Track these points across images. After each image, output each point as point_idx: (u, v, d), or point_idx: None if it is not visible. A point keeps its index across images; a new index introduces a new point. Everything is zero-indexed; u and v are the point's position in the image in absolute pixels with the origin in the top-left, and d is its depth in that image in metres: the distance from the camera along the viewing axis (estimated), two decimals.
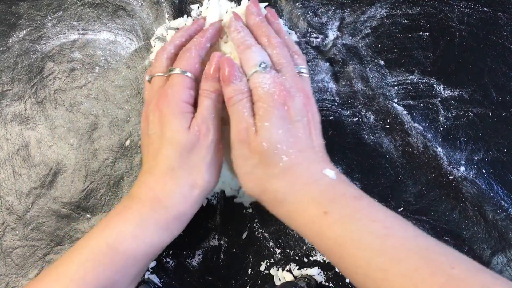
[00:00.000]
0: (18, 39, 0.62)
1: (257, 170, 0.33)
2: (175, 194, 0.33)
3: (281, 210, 0.34)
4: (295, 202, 0.32)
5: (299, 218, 0.32)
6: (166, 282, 0.56)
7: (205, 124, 0.34)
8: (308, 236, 0.32)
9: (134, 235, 0.33)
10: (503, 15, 0.58)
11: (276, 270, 0.55)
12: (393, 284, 0.24)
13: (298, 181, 0.32)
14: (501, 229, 0.53)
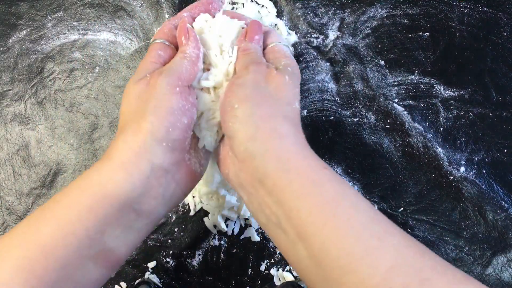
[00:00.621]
0: (18, 39, 0.62)
1: (268, 102, 0.31)
2: (118, 143, 0.30)
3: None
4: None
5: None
6: (166, 282, 0.56)
7: (158, 71, 0.33)
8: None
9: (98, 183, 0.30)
10: (503, 15, 0.58)
11: (276, 270, 0.55)
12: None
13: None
14: (501, 229, 0.53)
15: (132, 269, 0.56)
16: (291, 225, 0.27)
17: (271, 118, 0.30)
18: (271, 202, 0.28)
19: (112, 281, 0.56)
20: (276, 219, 0.28)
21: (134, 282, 0.56)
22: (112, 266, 0.30)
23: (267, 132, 0.30)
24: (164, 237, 0.57)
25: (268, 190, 0.29)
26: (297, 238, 0.27)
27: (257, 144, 0.29)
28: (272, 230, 0.30)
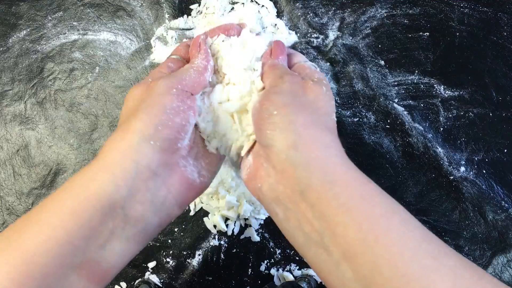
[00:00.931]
0: (18, 39, 0.62)
1: (308, 110, 0.30)
2: (107, 143, 0.29)
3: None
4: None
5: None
6: (166, 282, 0.56)
7: (162, 77, 0.32)
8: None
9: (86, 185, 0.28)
10: (503, 15, 0.58)
11: (276, 270, 0.55)
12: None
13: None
14: (501, 229, 0.53)
15: (132, 269, 0.56)
16: (336, 243, 0.24)
17: (312, 126, 0.29)
18: (313, 217, 0.26)
19: (112, 281, 0.56)
20: (317, 237, 0.26)
21: (134, 282, 0.56)
22: (99, 280, 0.28)
23: (310, 141, 0.28)
24: (164, 237, 0.57)
25: (310, 203, 0.26)
26: (342, 258, 0.24)
27: (299, 153, 0.27)
28: (311, 251, 0.27)
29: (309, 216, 0.26)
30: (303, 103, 0.30)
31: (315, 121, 0.29)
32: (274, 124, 0.29)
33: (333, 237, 0.25)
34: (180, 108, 0.30)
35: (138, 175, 0.28)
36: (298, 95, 0.31)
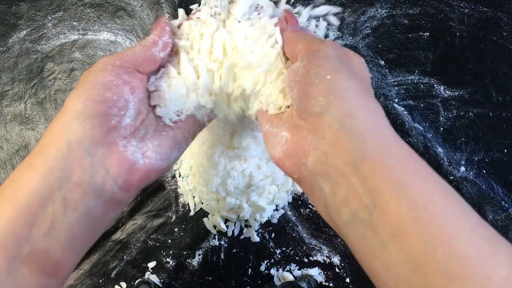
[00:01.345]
0: (18, 39, 0.62)
1: (357, 77, 0.29)
2: (48, 127, 0.30)
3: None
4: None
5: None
6: (166, 282, 0.56)
7: (119, 52, 0.32)
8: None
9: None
10: (503, 15, 0.58)
11: (276, 270, 0.55)
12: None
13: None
14: (501, 229, 0.53)
15: (132, 269, 0.56)
16: (385, 221, 0.22)
17: (364, 95, 0.27)
18: (364, 192, 0.24)
19: (112, 281, 0.56)
20: (365, 214, 0.24)
21: (134, 282, 0.56)
22: (50, 272, 0.26)
23: (364, 110, 0.26)
24: (164, 237, 0.57)
25: (362, 177, 0.24)
26: (390, 238, 0.22)
27: (355, 122, 0.25)
28: (356, 230, 0.25)
29: (359, 191, 0.24)
30: (351, 70, 0.28)
31: (365, 90, 0.28)
32: (327, 90, 0.26)
33: (383, 214, 0.23)
34: (112, 83, 0.29)
35: (70, 154, 0.27)
36: (345, 61, 0.29)
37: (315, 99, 0.27)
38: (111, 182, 0.29)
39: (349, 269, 0.54)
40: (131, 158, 0.30)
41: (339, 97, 0.26)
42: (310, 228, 0.56)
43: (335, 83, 0.27)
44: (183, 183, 0.58)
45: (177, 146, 0.34)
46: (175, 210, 0.58)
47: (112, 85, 0.29)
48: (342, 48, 0.30)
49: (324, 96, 0.27)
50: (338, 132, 0.25)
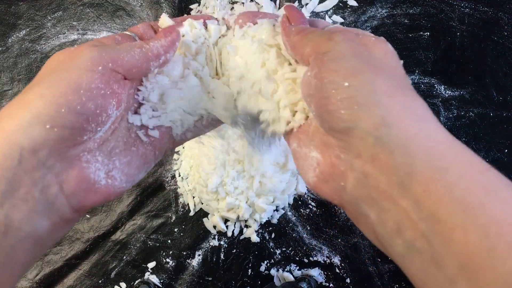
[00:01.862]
0: (18, 39, 0.62)
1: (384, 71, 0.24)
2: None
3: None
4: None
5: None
6: (166, 282, 0.56)
7: (94, 45, 0.26)
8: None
9: None
10: (503, 15, 0.57)
11: (276, 270, 0.55)
12: None
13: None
14: None
15: (132, 270, 0.56)
16: (451, 253, 0.18)
17: (398, 92, 0.22)
18: (419, 218, 0.19)
19: (111, 281, 0.56)
20: (424, 245, 0.19)
21: (134, 282, 0.56)
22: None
23: (402, 113, 0.21)
24: (164, 237, 0.57)
25: (414, 199, 0.19)
26: (459, 274, 0.18)
27: (394, 131, 0.20)
28: (414, 263, 0.20)
29: (412, 217, 0.19)
30: (374, 64, 0.23)
31: (399, 85, 0.22)
32: (349, 99, 0.22)
33: (447, 245, 0.18)
34: (100, 92, 0.23)
35: (21, 163, 0.22)
36: (364, 55, 0.24)
37: (337, 113, 0.22)
38: (63, 201, 0.24)
39: (349, 269, 0.54)
40: (93, 177, 0.25)
41: (365, 105, 0.21)
42: (310, 229, 0.56)
43: (357, 89, 0.22)
44: (183, 183, 0.58)
45: (146, 166, 0.28)
46: (175, 210, 0.58)
47: (99, 95, 0.23)
48: (356, 36, 0.25)
49: (346, 108, 0.22)
50: (374, 147, 0.21)
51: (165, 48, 0.28)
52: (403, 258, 0.21)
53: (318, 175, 0.25)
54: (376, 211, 0.22)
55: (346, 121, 0.22)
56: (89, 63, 0.24)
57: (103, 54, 0.24)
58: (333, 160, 0.24)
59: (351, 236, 0.55)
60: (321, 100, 0.23)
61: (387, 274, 0.53)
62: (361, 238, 0.54)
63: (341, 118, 0.22)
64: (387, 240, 0.21)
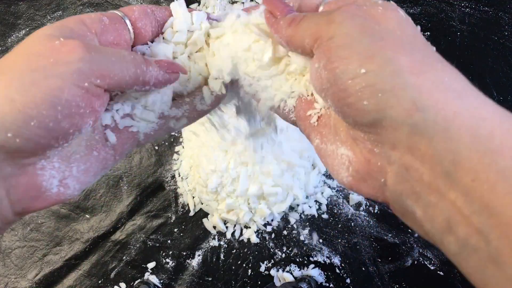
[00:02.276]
0: (18, 39, 0.62)
1: (403, 45, 0.20)
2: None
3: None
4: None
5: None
6: (165, 283, 0.56)
7: (86, 45, 0.22)
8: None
9: None
10: (504, 14, 0.57)
11: (276, 271, 0.55)
12: None
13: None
14: None
15: (132, 270, 0.56)
16: (511, 249, 0.16)
17: (425, 66, 0.19)
18: (471, 211, 0.17)
19: (111, 281, 0.56)
20: (479, 241, 0.17)
21: (134, 282, 0.56)
22: None
23: (435, 91, 0.18)
24: (164, 238, 0.57)
25: (463, 190, 0.17)
26: None
27: (429, 115, 0.18)
28: (470, 261, 0.18)
29: (464, 211, 0.17)
30: (390, 39, 0.20)
31: (425, 58, 0.19)
32: (370, 87, 0.19)
33: (506, 240, 0.16)
34: (79, 111, 0.21)
35: None
36: (375, 31, 0.20)
37: (360, 106, 0.19)
38: (7, 206, 0.22)
39: (349, 269, 0.54)
40: (44, 184, 0.22)
41: (390, 91, 0.18)
42: (311, 229, 0.56)
43: (377, 74, 0.19)
44: (182, 184, 0.58)
45: (103, 171, 0.26)
46: (175, 211, 0.58)
47: (77, 114, 0.21)
48: (360, 9, 0.21)
49: (369, 98, 0.19)
50: (410, 136, 0.18)
51: (157, 83, 0.25)
52: (457, 256, 0.18)
53: (353, 174, 0.22)
54: (422, 207, 0.19)
55: (371, 112, 0.19)
56: (75, 76, 0.20)
57: (94, 67, 0.21)
58: (366, 156, 0.21)
59: (351, 236, 0.54)
60: (338, 94, 0.20)
61: (387, 274, 0.53)
62: (361, 238, 0.54)
63: (365, 110, 0.19)
64: (438, 238, 0.19)
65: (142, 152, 0.59)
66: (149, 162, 0.59)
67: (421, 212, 0.19)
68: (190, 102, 0.27)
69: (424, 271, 0.52)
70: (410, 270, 0.53)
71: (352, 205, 0.56)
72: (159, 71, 0.25)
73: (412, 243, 0.53)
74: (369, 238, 0.54)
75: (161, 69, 0.25)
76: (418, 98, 0.18)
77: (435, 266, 0.52)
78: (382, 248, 0.54)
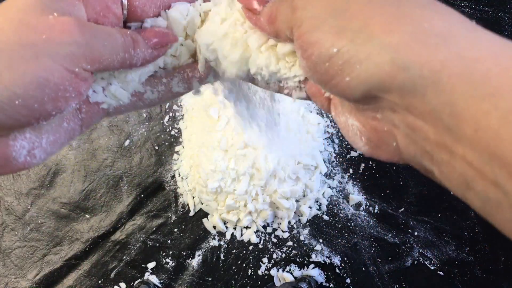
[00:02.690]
0: None
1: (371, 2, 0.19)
2: None
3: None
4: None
5: None
6: (165, 283, 0.56)
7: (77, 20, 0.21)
8: None
9: None
10: (504, 14, 0.57)
11: (277, 271, 0.55)
12: None
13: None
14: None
15: (132, 270, 0.56)
16: None
17: (398, 19, 0.17)
18: (481, 163, 0.16)
19: (111, 281, 0.56)
20: (499, 194, 0.16)
21: (134, 282, 0.56)
22: None
23: (414, 44, 0.17)
24: (164, 238, 0.57)
25: (469, 143, 0.16)
26: None
27: (413, 71, 0.16)
28: (497, 214, 0.17)
29: (475, 165, 0.16)
30: (355, 2, 0.19)
31: (399, 9, 0.18)
32: (347, 63, 0.18)
33: None
34: (65, 94, 0.21)
35: None
36: (337, 2, 0.20)
37: (344, 84, 0.19)
38: None
39: (349, 269, 0.54)
40: (13, 155, 0.22)
41: (366, 58, 0.17)
42: (311, 229, 0.56)
43: (349, 47, 0.18)
44: (182, 184, 0.58)
45: (68, 142, 0.25)
46: (175, 211, 0.58)
47: (63, 98, 0.20)
48: None
49: (350, 73, 0.18)
50: (403, 98, 0.17)
51: (144, 62, 0.24)
52: (483, 211, 0.17)
53: (367, 142, 0.21)
54: (437, 166, 0.18)
55: (358, 86, 0.18)
56: (67, 60, 0.20)
57: (87, 53, 0.21)
58: (372, 124, 0.20)
59: (351, 236, 0.55)
60: (321, 79, 0.20)
61: (387, 274, 0.53)
62: (361, 238, 0.54)
63: (351, 86, 0.19)
64: (461, 195, 0.18)
65: (142, 152, 0.59)
66: (149, 162, 0.59)
67: (437, 171, 0.18)
68: (167, 83, 0.27)
69: (424, 271, 0.52)
70: (410, 270, 0.53)
71: (352, 205, 0.56)
72: (146, 51, 0.24)
73: (412, 243, 0.53)
74: (369, 238, 0.54)
75: (149, 44, 0.24)
76: (396, 57, 0.17)
77: (435, 266, 0.52)
78: (382, 248, 0.54)
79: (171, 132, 0.60)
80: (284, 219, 0.55)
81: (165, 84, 0.27)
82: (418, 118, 0.17)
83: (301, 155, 0.54)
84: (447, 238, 0.53)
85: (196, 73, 0.27)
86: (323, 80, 0.20)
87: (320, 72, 0.20)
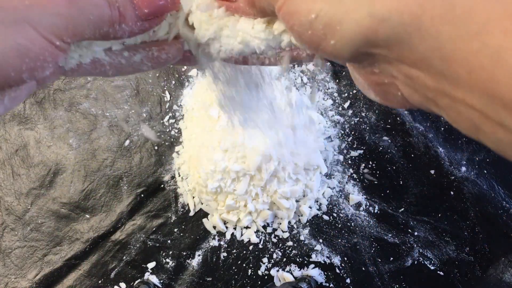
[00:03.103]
0: None
1: None
2: None
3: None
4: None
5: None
6: (165, 283, 0.56)
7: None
8: None
9: None
10: None
11: (277, 271, 0.55)
12: None
13: None
14: (502, 228, 0.53)
15: (132, 270, 0.56)
16: None
17: None
18: (483, 105, 0.15)
19: (111, 282, 0.56)
20: (507, 134, 0.15)
21: (134, 282, 0.56)
22: None
23: (402, 9, 0.16)
24: (164, 238, 0.57)
25: (466, 86, 0.15)
26: None
27: (394, 21, 0.16)
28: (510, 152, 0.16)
29: (477, 107, 0.16)
30: None
31: None
32: (328, 26, 0.18)
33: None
34: (43, 64, 0.20)
35: None
36: None
37: (331, 48, 0.18)
38: None
39: (349, 269, 0.54)
40: None
41: (345, 18, 0.17)
42: (311, 229, 0.56)
43: (327, 10, 0.18)
44: (182, 184, 0.58)
45: (24, 98, 0.24)
46: (175, 211, 0.58)
47: (40, 68, 0.20)
48: None
49: (333, 36, 0.18)
50: (391, 49, 0.17)
51: (131, 35, 0.22)
52: (498, 151, 0.17)
53: (378, 94, 0.21)
54: (444, 111, 0.18)
55: (344, 47, 0.18)
56: (49, 31, 0.19)
57: (70, 26, 0.19)
58: (373, 78, 0.20)
59: (351, 236, 0.55)
60: (311, 47, 0.20)
61: (387, 274, 0.53)
62: (361, 238, 0.54)
63: (337, 48, 0.18)
64: (476, 138, 0.17)
65: (142, 152, 0.59)
66: (149, 162, 0.59)
67: (446, 116, 0.18)
68: (128, 57, 0.25)
69: (424, 271, 0.52)
70: (410, 270, 0.53)
71: (352, 205, 0.56)
72: (135, 24, 0.22)
73: (412, 243, 0.53)
74: (369, 238, 0.54)
75: (140, 14, 0.22)
76: (373, 9, 0.16)
77: (435, 266, 0.52)
78: (382, 248, 0.54)
79: (171, 132, 0.60)
80: (284, 219, 0.55)
81: (126, 58, 0.25)
82: (412, 67, 0.17)
83: (302, 155, 0.54)
84: (447, 238, 0.53)
85: (162, 54, 0.25)
86: (312, 47, 0.20)
87: (306, 40, 0.19)
